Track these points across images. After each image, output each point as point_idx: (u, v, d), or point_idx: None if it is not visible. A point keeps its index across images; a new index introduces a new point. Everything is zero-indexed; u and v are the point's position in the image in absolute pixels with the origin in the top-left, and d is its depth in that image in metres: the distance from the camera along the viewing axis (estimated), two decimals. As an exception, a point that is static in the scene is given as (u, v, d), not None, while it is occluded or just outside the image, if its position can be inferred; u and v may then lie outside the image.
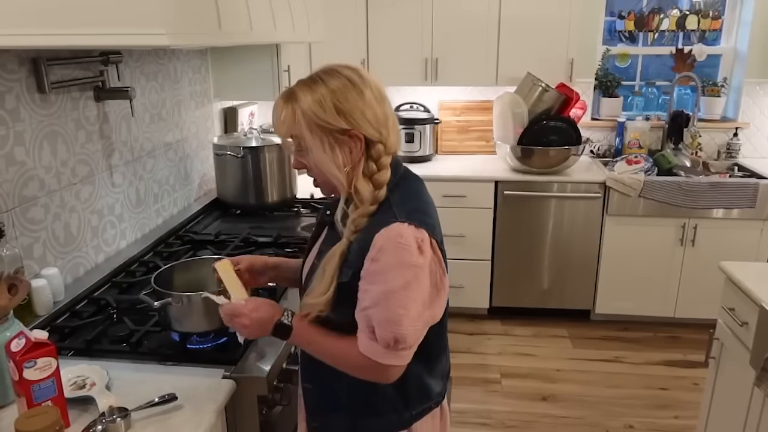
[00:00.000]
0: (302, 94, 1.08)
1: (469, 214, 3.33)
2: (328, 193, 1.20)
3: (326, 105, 1.06)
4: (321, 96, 1.07)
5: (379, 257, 1.05)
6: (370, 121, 1.09)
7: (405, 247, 1.04)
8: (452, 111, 3.81)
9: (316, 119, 1.06)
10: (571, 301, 3.46)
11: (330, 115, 1.06)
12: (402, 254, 1.04)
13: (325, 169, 1.10)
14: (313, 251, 1.27)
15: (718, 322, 2.04)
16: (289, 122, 1.09)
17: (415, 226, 1.07)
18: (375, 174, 1.11)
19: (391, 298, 1.04)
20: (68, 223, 1.79)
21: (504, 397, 2.83)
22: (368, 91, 1.10)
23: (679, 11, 3.69)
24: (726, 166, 3.54)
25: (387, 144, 1.12)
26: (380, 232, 1.05)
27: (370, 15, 3.40)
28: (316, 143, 1.08)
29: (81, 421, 1.16)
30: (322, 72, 1.11)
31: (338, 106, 1.07)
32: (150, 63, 2.22)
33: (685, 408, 2.73)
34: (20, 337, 1.09)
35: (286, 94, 1.11)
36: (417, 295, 1.05)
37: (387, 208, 1.10)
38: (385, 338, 1.05)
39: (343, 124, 1.07)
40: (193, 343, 1.47)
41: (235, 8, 1.52)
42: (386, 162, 1.12)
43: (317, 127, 1.07)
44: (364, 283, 1.07)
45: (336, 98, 1.07)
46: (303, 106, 1.07)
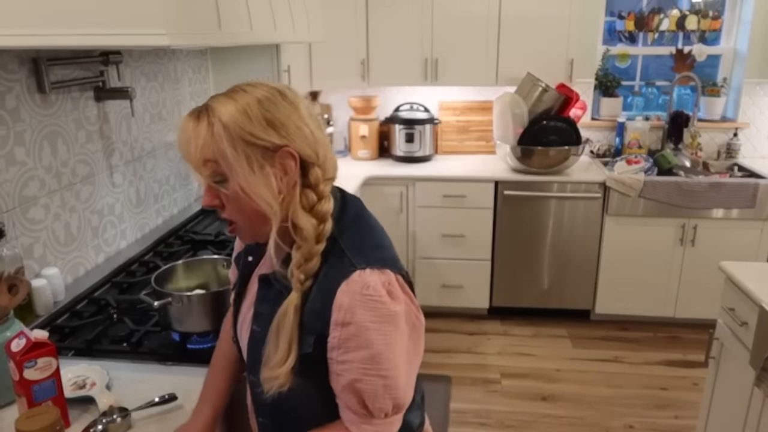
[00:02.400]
0: (220, 105, 0.88)
1: (469, 214, 3.33)
2: (252, 238, 0.98)
3: (253, 114, 0.87)
4: (246, 105, 0.88)
5: (349, 319, 0.87)
6: (306, 138, 0.90)
7: (375, 299, 0.87)
8: (452, 111, 3.81)
9: (240, 132, 0.86)
10: (571, 301, 3.46)
11: (258, 126, 0.87)
12: (375, 308, 0.87)
13: (255, 195, 0.88)
14: (245, 315, 1.06)
15: (718, 322, 2.04)
16: (205, 140, 0.87)
17: (378, 269, 0.89)
18: (315, 204, 0.92)
19: (380, 361, 0.88)
20: (68, 223, 1.79)
21: (504, 397, 2.83)
22: (301, 105, 0.93)
23: (679, 11, 3.69)
24: (726, 166, 3.54)
25: (325, 168, 0.93)
26: (341, 288, 0.87)
27: (370, 15, 3.40)
28: (241, 162, 0.86)
29: (81, 421, 1.16)
30: (244, 84, 0.94)
31: (267, 116, 0.88)
32: (150, 63, 2.22)
33: (685, 408, 2.73)
34: (20, 337, 1.09)
35: (196, 110, 0.90)
36: (402, 348, 0.91)
37: (339, 253, 0.91)
38: (383, 409, 0.91)
39: (275, 138, 0.88)
40: (193, 343, 1.47)
41: (235, 8, 1.52)
42: (326, 190, 0.94)
43: (242, 143, 0.86)
44: (340, 353, 0.89)
45: (264, 108, 0.88)
46: (223, 117, 0.86)
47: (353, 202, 1.01)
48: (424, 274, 3.47)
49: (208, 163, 0.88)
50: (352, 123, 3.65)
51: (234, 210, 0.92)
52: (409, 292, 0.95)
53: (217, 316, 1.43)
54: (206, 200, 0.94)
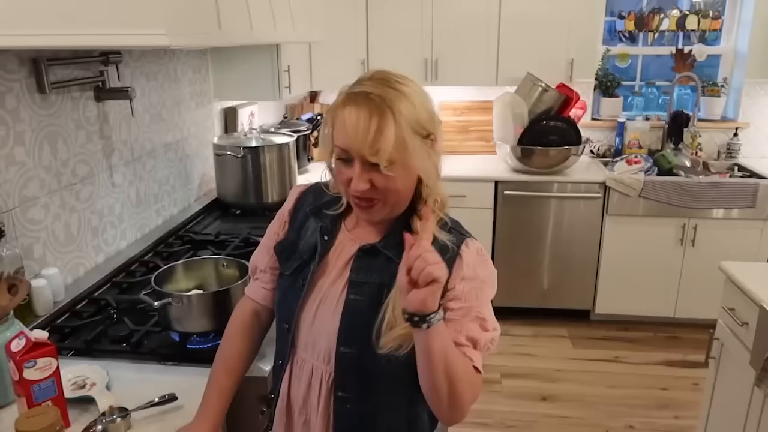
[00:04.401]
0: (399, 103, 0.97)
1: (469, 214, 3.32)
2: (387, 214, 1.06)
3: (425, 110, 1.00)
4: (420, 102, 1.00)
5: (472, 275, 1.03)
6: (439, 127, 1.04)
7: (487, 260, 1.07)
8: (452, 111, 3.81)
9: (415, 126, 0.98)
10: (571, 301, 3.46)
11: (427, 119, 1.00)
12: (488, 267, 1.07)
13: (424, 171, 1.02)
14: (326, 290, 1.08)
15: (718, 322, 2.04)
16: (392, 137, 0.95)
17: (473, 239, 1.08)
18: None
19: (487, 305, 1.06)
20: (68, 223, 1.79)
21: (504, 397, 2.83)
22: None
23: (679, 11, 3.69)
24: (726, 166, 3.54)
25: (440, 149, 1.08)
26: (463, 249, 1.04)
27: (370, 15, 3.40)
28: (415, 146, 0.98)
29: (81, 421, 1.16)
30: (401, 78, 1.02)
31: (429, 108, 1.02)
32: (150, 63, 2.22)
33: (685, 408, 2.73)
34: (20, 337, 1.09)
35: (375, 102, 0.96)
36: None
37: (446, 226, 1.08)
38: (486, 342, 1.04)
39: (431, 128, 1.01)
40: (193, 343, 1.47)
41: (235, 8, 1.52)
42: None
43: (414, 134, 0.98)
44: (461, 302, 1.01)
45: (427, 102, 1.02)
46: (407, 114, 0.97)
47: None
48: (424, 274, 3.45)
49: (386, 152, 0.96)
50: (352, 123, 3.64)
51: (387, 190, 1.00)
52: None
53: (217, 316, 1.43)
54: (362, 185, 0.99)
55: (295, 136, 2.77)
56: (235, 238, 2.16)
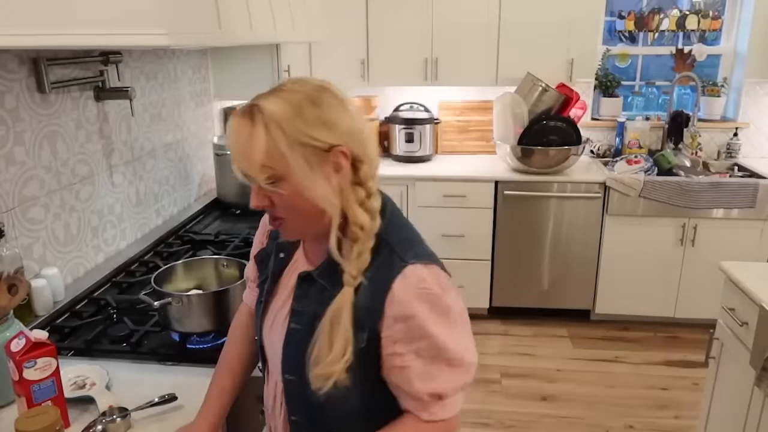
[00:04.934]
0: (274, 107, 0.87)
1: (469, 214, 3.33)
2: (299, 235, 0.99)
3: (308, 115, 0.87)
4: (299, 105, 0.87)
5: (410, 313, 0.89)
6: (357, 137, 0.91)
7: (431, 292, 0.90)
8: (452, 111, 3.81)
9: (297, 134, 0.86)
10: (571, 301, 3.46)
11: (313, 127, 0.87)
12: (432, 301, 0.90)
13: (314, 195, 0.88)
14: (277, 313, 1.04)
15: (718, 322, 2.04)
16: (264, 144, 0.85)
17: (425, 264, 0.92)
18: (364, 201, 0.93)
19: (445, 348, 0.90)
20: (68, 223, 1.79)
21: (504, 397, 2.83)
22: (348, 103, 0.93)
23: (679, 11, 3.69)
24: (726, 166, 3.54)
25: (372, 165, 0.94)
26: (395, 282, 0.89)
27: (370, 15, 3.40)
28: (299, 163, 0.86)
29: (81, 421, 1.16)
30: (289, 82, 0.92)
31: (321, 116, 0.88)
32: (150, 63, 2.22)
33: (685, 408, 2.73)
34: (20, 337, 1.09)
35: (247, 110, 0.88)
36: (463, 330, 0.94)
37: (387, 250, 0.92)
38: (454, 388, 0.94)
39: (330, 137, 0.88)
40: (193, 343, 1.47)
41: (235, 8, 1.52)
42: (374, 187, 0.95)
43: (299, 145, 0.86)
44: (403, 345, 0.90)
45: (318, 107, 0.88)
46: (280, 119, 0.85)
47: (388, 198, 1.02)
48: (424, 274, 3.46)
49: (265, 167, 0.87)
50: (352, 123, 3.64)
51: (287, 209, 0.92)
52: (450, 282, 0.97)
53: (217, 316, 1.43)
54: (256, 201, 0.93)
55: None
56: (235, 238, 2.16)
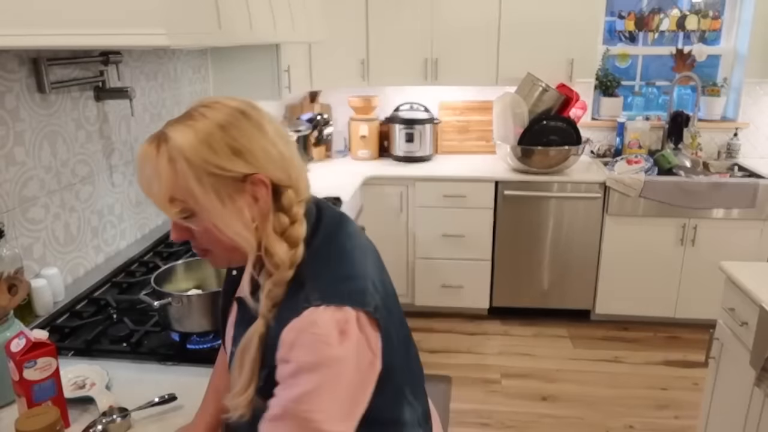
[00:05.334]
0: (180, 136, 0.81)
1: (469, 214, 3.33)
2: (226, 264, 0.95)
3: (216, 144, 0.81)
4: (207, 134, 0.81)
5: (290, 357, 0.82)
6: (276, 161, 0.85)
7: (320, 340, 0.81)
8: (452, 111, 3.81)
9: (205, 165, 0.81)
10: (571, 301, 3.46)
11: (223, 156, 0.81)
12: (316, 349, 0.81)
13: (227, 231, 0.84)
14: (228, 333, 1.02)
15: (718, 322, 2.04)
16: (168, 178, 0.81)
17: (335, 306, 0.82)
18: (288, 229, 0.87)
19: (303, 402, 0.81)
20: (68, 223, 1.79)
21: (504, 397, 2.83)
22: (266, 124, 0.87)
23: (679, 11, 3.69)
24: (726, 166, 3.54)
25: (298, 190, 0.89)
26: (289, 324, 0.82)
27: (370, 15, 3.40)
28: (209, 198, 0.82)
29: (81, 421, 1.16)
30: (200, 106, 0.85)
31: (232, 144, 0.82)
32: (150, 63, 2.22)
33: (685, 408, 2.73)
34: (20, 337, 1.09)
35: (154, 139, 0.83)
36: (338, 394, 0.82)
37: (299, 285, 0.85)
38: None
39: (242, 166, 0.82)
40: (193, 343, 1.47)
41: (235, 8, 1.52)
42: (300, 213, 0.89)
43: (208, 176, 0.81)
44: (279, 389, 0.84)
45: (228, 134, 0.82)
46: (185, 151, 0.80)
47: (330, 220, 0.94)
48: (424, 274, 3.46)
49: (175, 201, 0.83)
50: (352, 123, 3.65)
51: (206, 242, 0.88)
52: (371, 332, 0.87)
53: (216, 316, 1.43)
54: (175, 235, 0.89)
55: (295, 137, 2.77)
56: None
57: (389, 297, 0.95)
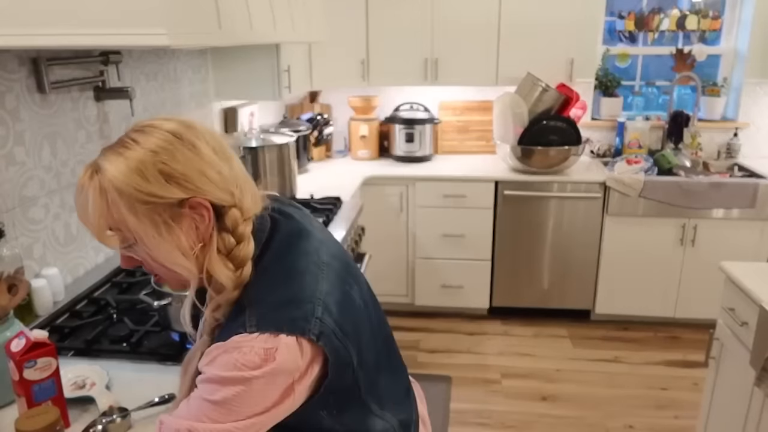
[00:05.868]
0: (110, 166, 0.79)
1: (469, 214, 3.33)
2: (180, 288, 0.94)
3: (148, 171, 0.79)
4: (138, 162, 0.79)
5: (205, 369, 0.82)
6: (215, 182, 0.83)
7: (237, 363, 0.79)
8: (452, 111, 3.81)
9: (137, 195, 0.79)
10: (571, 301, 3.46)
11: (156, 184, 0.79)
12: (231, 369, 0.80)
13: (165, 260, 0.83)
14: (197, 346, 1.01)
15: (718, 322, 2.04)
16: (102, 209, 0.80)
17: (269, 334, 0.80)
18: (233, 249, 0.85)
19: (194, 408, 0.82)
20: (68, 223, 1.79)
21: (504, 397, 2.83)
22: (203, 144, 0.84)
23: (679, 11, 3.69)
24: (726, 166, 3.54)
25: (243, 208, 0.86)
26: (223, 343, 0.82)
27: (370, 15, 3.40)
28: (145, 228, 0.80)
29: (81, 421, 1.16)
30: (133, 131, 0.84)
31: (165, 169, 0.80)
32: (150, 63, 2.22)
33: (685, 408, 2.73)
34: (20, 337, 1.09)
35: (89, 168, 0.82)
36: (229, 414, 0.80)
37: (240, 308, 0.84)
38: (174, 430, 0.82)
39: (178, 192, 0.80)
40: (192, 343, 1.46)
41: (235, 8, 1.52)
42: (246, 231, 0.86)
43: (142, 205, 0.79)
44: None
45: (160, 160, 0.80)
46: (115, 181, 0.79)
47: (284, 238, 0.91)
48: (424, 274, 3.47)
49: (112, 231, 0.83)
50: (352, 123, 3.65)
51: (152, 269, 0.88)
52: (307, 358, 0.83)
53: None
54: (123, 262, 0.88)
55: (295, 136, 2.77)
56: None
57: (355, 314, 0.92)
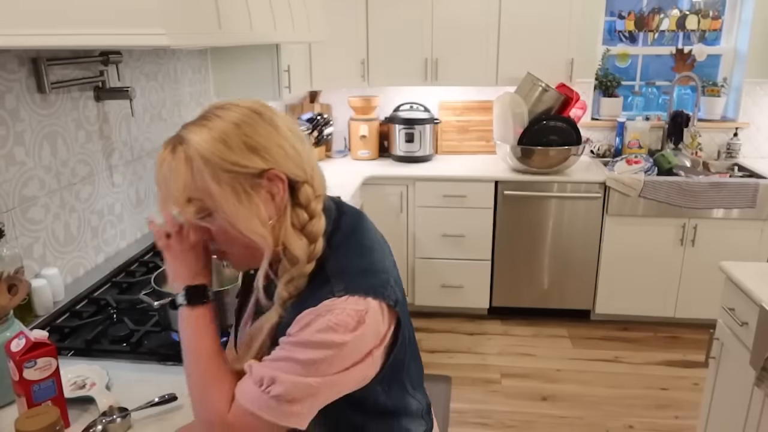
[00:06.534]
0: (195, 136, 0.83)
1: (469, 214, 3.33)
2: (244, 266, 0.96)
3: (232, 141, 0.83)
4: (222, 132, 0.83)
5: (297, 333, 0.84)
6: (291, 157, 0.87)
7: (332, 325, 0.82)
8: (452, 111, 3.81)
9: (221, 163, 0.82)
10: (571, 301, 3.46)
11: (239, 153, 0.83)
12: (326, 332, 0.82)
13: (244, 228, 0.84)
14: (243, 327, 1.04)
15: (718, 322, 2.04)
16: (185, 178, 0.83)
17: (358, 297, 0.85)
18: (306, 224, 0.88)
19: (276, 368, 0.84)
20: (68, 223, 1.79)
21: (504, 397, 2.83)
22: (281, 122, 0.88)
23: (679, 11, 3.69)
24: (726, 166, 3.54)
25: (314, 185, 0.90)
26: (311, 309, 0.84)
27: (370, 15, 3.40)
28: (226, 196, 0.83)
29: (81, 421, 1.16)
30: (214, 108, 0.88)
31: (247, 141, 0.83)
32: (150, 63, 2.22)
33: (685, 408, 2.73)
34: (20, 337, 1.09)
35: (171, 142, 0.85)
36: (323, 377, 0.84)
37: (323, 279, 0.87)
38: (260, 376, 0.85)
39: (259, 162, 0.84)
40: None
41: (235, 8, 1.52)
42: (318, 208, 0.90)
43: (225, 174, 0.82)
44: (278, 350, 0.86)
45: (243, 132, 0.84)
46: (201, 149, 0.82)
47: (350, 216, 0.96)
48: (424, 274, 3.47)
49: (192, 201, 0.84)
50: (352, 123, 3.65)
51: (224, 242, 0.89)
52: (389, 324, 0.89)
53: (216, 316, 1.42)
54: (194, 237, 0.89)
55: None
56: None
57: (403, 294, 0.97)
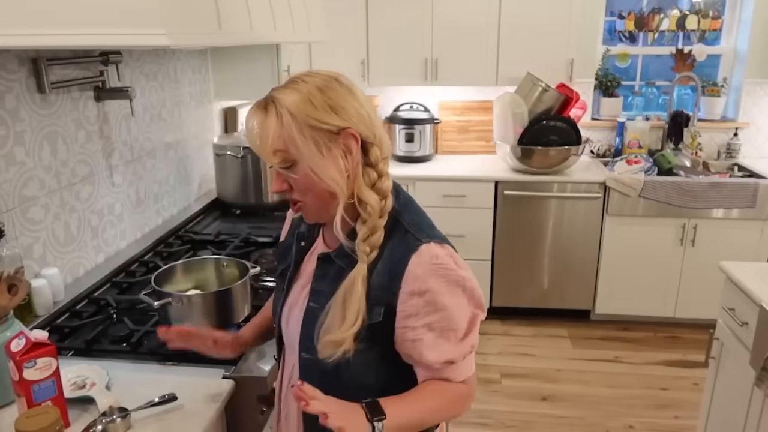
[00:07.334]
0: (285, 96, 0.95)
1: (469, 214, 3.33)
2: (318, 217, 1.05)
3: (316, 101, 0.94)
4: (308, 93, 0.95)
5: (425, 288, 0.96)
6: (364, 120, 0.98)
7: (445, 267, 0.97)
8: (452, 111, 3.81)
9: (307, 119, 0.93)
10: (571, 301, 3.46)
11: (322, 111, 0.94)
12: (446, 275, 0.97)
13: (324, 175, 0.95)
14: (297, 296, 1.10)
15: (718, 322, 2.04)
16: (276, 130, 0.94)
17: (439, 243, 0.99)
18: (376, 182, 0.99)
19: (454, 319, 0.98)
20: (68, 223, 1.79)
21: (504, 397, 2.83)
22: (357, 90, 1.00)
23: (679, 11, 3.69)
24: (726, 166, 3.54)
25: (382, 148, 1.01)
26: (412, 260, 0.96)
27: (370, 15, 3.40)
28: (310, 147, 0.94)
29: (81, 421, 1.16)
30: (300, 75, 0.99)
31: (329, 102, 0.95)
32: (150, 63, 2.22)
33: (685, 408, 2.73)
34: (20, 337, 1.09)
35: (263, 101, 0.97)
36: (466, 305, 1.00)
37: (402, 230, 1.00)
38: (465, 353, 1.00)
39: (338, 121, 0.95)
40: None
41: (235, 8, 1.52)
42: (385, 168, 1.01)
43: (309, 128, 0.94)
44: (417, 319, 0.97)
45: (325, 94, 0.95)
46: (290, 106, 0.94)
47: (401, 187, 1.08)
48: (424, 274, 3.46)
49: (278, 152, 0.95)
50: (352, 123, 3.64)
51: (303, 192, 0.99)
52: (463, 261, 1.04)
53: (217, 316, 1.43)
54: (276, 186, 1.01)
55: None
56: (235, 238, 2.16)
57: None
